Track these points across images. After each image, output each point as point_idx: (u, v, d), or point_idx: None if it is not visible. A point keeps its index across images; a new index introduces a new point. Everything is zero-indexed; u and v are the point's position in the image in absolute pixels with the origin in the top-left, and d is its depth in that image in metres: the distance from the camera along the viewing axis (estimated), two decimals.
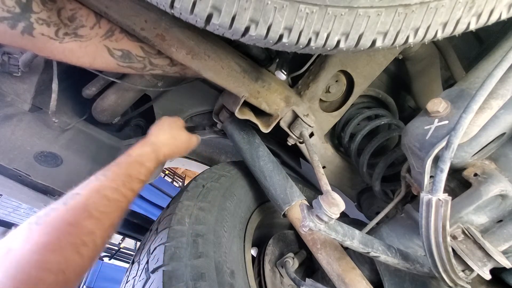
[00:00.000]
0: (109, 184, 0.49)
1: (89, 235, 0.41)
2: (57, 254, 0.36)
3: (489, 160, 0.60)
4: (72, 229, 0.39)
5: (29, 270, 0.34)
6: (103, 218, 0.44)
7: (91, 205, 0.44)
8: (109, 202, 0.46)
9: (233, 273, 0.72)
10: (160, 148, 0.65)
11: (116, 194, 0.48)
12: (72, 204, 0.42)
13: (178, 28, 0.65)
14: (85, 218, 0.42)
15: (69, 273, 0.37)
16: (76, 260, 0.38)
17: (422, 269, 0.59)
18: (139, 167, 0.57)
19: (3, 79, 0.84)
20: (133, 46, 0.67)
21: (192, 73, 0.81)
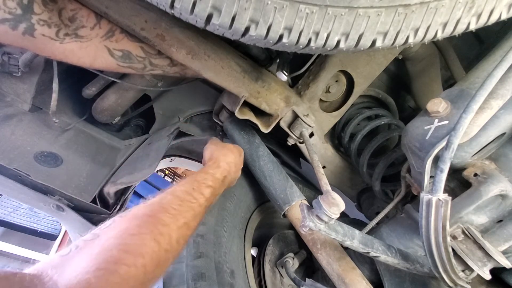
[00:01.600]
0: (180, 188, 0.54)
1: (164, 226, 0.44)
2: (136, 238, 0.40)
3: (489, 160, 0.60)
4: (149, 219, 0.44)
5: (110, 251, 0.37)
6: (177, 215, 0.48)
7: (166, 203, 0.49)
8: (181, 202, 0.51)
9: (233, 273, 0.72)
10: (224, 168, 0.69)
11: (187, 195, 0.53)
12: (149, 202, 0.48)
13: (178, 28, 0.65)
14: (160, 211, 0.46)
15: (147, 258, 0.39)
16: (153, 247, 0.41)
17: (422, 269, 0.59)
18: (205, 175, 0.62)
19: (3, 79, 0.84)
20: (133, 47, 0.67)
21: (192, 73, 0.81)
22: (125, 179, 0.87)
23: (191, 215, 0.51)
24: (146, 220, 0.43)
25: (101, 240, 0.38)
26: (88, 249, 0.37)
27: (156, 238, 0.42)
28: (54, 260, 0.35)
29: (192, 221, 0.50)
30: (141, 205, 0.47)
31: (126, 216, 0.43)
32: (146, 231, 0.41)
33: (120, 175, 0.90)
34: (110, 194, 0.88)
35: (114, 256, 0.36)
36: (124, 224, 0.41)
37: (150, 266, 0.39)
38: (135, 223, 0.42)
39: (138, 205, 0.46)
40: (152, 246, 0.40)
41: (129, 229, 0.40)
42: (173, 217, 0.47)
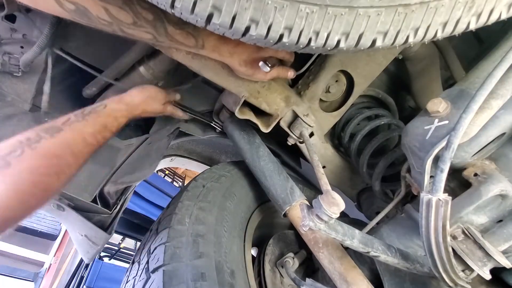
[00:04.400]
0: (88, 129, 0.56)
1: (68, 167, 0.51)
2: (45, 177, 0.46)
3: (489, 160, 0.60)
4: (57, 161, 0.49)
5: (25, 185, 0.43)
6: (79, 157, 0.53)
7: (73, 144, 0.52)
8: (86, 144, 0.54)
9: (233, 273, 0.72)
10: (132, 107, 0.70)
11: (92, 139, 0.56)
12: (59, 138, 0.50)
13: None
14: (67, 153, 0.51)
15: (50, 193, 0.48)
16: (56, 185, 0.48)
17: (422, 269, 0.59)
18: (113, 121, 0.63)
19: (4, 79, 0.84)
20: (92, 4, 0.51)
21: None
22: (126, 179, 0.87)
23: (89, 157, 0.56)
24: (54, 162, 0.48)
25: (15, 171, 0.42)
26: (2, 175, 0.41)
27: (59, 177, 0.49)
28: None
29: (88, 160, 0.56)
30: (50, 139, 0.49)
31: (37, 151, 0.46)
32: (53, 172, 0.47)
33: (120, 175, 0.90)
34: (111, 193, 0.88)
35: (28, 192, 0.43)
36: (35, 162, 0.45)
37: (50, 198, 0.49)
38: (45, 163, 0.47)
39: (46, 136, 0.48)
40: (55, 184, 0.48)
41: (40, 168, 0.46)
42: (76, 158, 0.52)
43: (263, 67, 0.67)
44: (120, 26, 0.55)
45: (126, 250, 3.66)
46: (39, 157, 0.46)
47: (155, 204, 3.18)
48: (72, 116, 0.56)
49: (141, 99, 0.73)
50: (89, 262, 3.06)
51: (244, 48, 0.65)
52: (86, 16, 0.52)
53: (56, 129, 0.51)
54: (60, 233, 4.15)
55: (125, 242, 3.73)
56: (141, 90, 0.75)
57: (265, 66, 0.67)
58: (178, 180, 4.61)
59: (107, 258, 3.48)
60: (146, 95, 0.75)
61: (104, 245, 0.92)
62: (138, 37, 0.58)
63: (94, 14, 0.52)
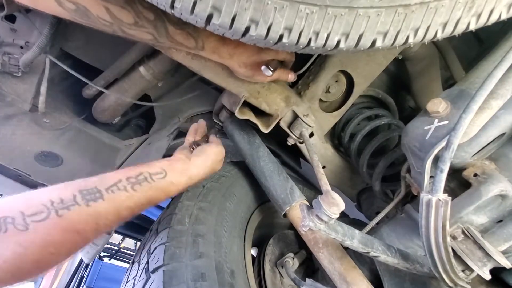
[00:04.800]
0: (129, 204, 0.49)
1: (84, 242, 0.45)
2: (53, 256, 0.41)
3: (489, 160, 0.60)
4: (77, 238, 0.43)
5: (25, 262, 0.38)
6: (103, 231, 0.47)
7: (103, 219, 0.46)
8: (118, 220, 0.48)
9: (233, 273, 0.72)
10: (195, 182, 0.63)
11: (128, 214, 0.49)
12: (93, 208, 0.44)
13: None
14: (91, 229, 0.44)
15: (42, 272, 0.42)
16: (54, 264, 0.42)
17: (422, 269, 0.59)
18: (163, 195, 0.56)
19: (4, 79, 0.85)
20: (93, 4, 0.49)
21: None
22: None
23: (111, 229, 0.50)
24: (74, 239, 0.42)
25: (29, 237, 0.38)
26: (15, 240, 0.37)
27: (71, 253, 0.43)
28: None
29: (106, 232, 0.50)
30: (82, 206, 0.43)
31: (62, 222, 0.41)
32: (66, 251, 0.42)
33: None
34: None
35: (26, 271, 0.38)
36: (54, 235, 0.40)
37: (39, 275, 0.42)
38: (63, 239, 0.41)
39: (80, 203, 0.43)
40: (65, 259, 0.43)
41: (55, 244, 0.40)
42: (99, 232, 0.46)
43: (266, 71, 0.65)
44: (121, 27, 0.54)
45: (126, 250, 3.67)
46: (60, 230, 0.41)
47: None
48: (124, 180, 0.49)
49: (208, 170, 0.67)
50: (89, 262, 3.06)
51: (244, 49, 0.63)
52: (87, 16, 0.51)
53: (96, 196, 0.45)
54: None
55: (125, 242, 3.73)
56: (207, 158, 0.68)
57: (268, 70, 0.66)
58: None
59: (107, 258, 3.48)
60: (213, 167, 0.69)
61: (104, 245, 0.92)
62: (139, 38, 0.57)
63: (95, 14, 0.51)
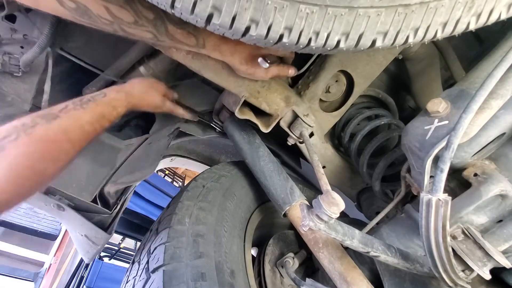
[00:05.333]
0: (86, 118, 0.55)
1: (65, 154, 0.50)
2: (41, 162, 0.46)
3: (489, 160, 0.60)
4: (53, 147, 0.48)
5: (20, 169, 0.43)
6: (76, 144, 0.52)
7: (70, 131, 0.51)
8: (83, 132, 0.53)
9: (233, 273, 0.72)
10: (132, 97, 0.68)
11: (90, 127, 0.55)
12: (55, 124, 0.49)
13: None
14: (64, 140, 0.50)
15: (46, 178, 0.47)
16: (52, 170, 0.48)
17: (422, 269, 0.59)
18: (112, 110, 0.61)
19: (4, 79, 0.84)
20: (93, 3, 0.50)
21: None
22: (126, 179, 0.87)
23: (86, 144, 0.55)
24: (51, 148, 0.47)
25: (10, 156, 0.42)
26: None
27: (56, 164, 0.48)
28: None
29: (84, 147, 0.55)
30: (46, 125, 0.48)
31: (33, 136, 0.45)
32: (49, 158, 0.47)
33: (120, 175, 0.90)
34: (111, 193, 0.88)
35: (21, 177, 0.43)
36: (31, 147, 0.44)
37: (46, 184, 0.48)
38: (41, 148, 0.46)
39: (42, 122, 0.47)
40: (52, 170, 0.47)
41: (35, 153, 0.45)
42: (73, 145, 0.51)
43: (262, 63, 0.67)
44: (121, 25, 0.55)
45: (126, 250, 3.67)
46: (34, 142, 0.45)
47: (155, 204, 3.18)
48: (70, 103, 0.55)
49: (141, 89, 0.73)
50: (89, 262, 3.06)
51: (245, 46, 0.64)
52: (87, 15, 0.52)
53: (52, 115, 0.50)
54: (60, 233, 4.15)
55: (125, 242, 3.73)
56: (141, 80, 0.75)
57: (264, 63, 0.67)
58: (178, 180, 4.61)
59: (107, 258, 3.48)
60: (146, 84, 0.75)
61: (104, 245, 0.92)
62: (139, 37, 0.58)
63: (95, 13, 0.52)
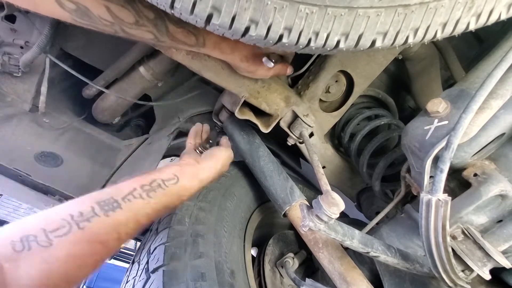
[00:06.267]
0: (147, 211, 0.50)
1: (108, 253, 0.44)
2: (80, 269, 0.41)
3: (489, 160, 0.60)
4: (101, 248, 0.43)
5: (56, 277, 0.38)
6: (125, 239, 0.47)
7: (124, 227, 0.46)
8: (138, 227, 0.49)
9: (233, 273, 0.72)
10: (204, 184, 0.64)
11: (146, 220, 0.50)
12: (112, 219, 0.45)
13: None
14: (113, 238, 0.45)
15: (79, 282, 0.41)
16: (83, 276, 0.42)
17: (422, 269, 0.59)
18: (176, 200, 0.56)
19: (4, 79, 0.85)
20: (93, 3, 0.49)
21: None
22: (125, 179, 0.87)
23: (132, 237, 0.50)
24: (98, 250, 0.43)
25: (53, 252, 0.38)
26: (39, 257, 0.37)
27: (96, 266, 0.43)
28: (8, 253, 0.35)
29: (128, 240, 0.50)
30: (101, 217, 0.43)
31: (85, 234, 0.41)
32: (92, 262, 0.42)
33: (120, 175, 0.90)
34: None
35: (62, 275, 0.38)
36: (78, 249, 0.40)
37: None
38: (88, 250, 0.41)
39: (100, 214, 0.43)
40: (83, 277, 0.42)
41: (80, 258, 0.40)
42: (121, 242, 0.46)
43: (267, 62, 0.66)
44: (122, 26, 0.54)
45: (126, 250, 3.66)
46: (83, 242, 0.41)
47: None
48: (138, 188, 0.50)
49: (218, 173, 0.68)
50: None
51: (245, 44, 0.64)
52: (87, 16, 0.51)
53: (114, 206, 0.46)
54: None
55: None
56: (217, 162, 0.69)
57: (269, 62, 0.66)
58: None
59: None
60: (222, 170, 0.70)
61: None
62: (139, 38, 0.57)
63: (96, 14, 0.51)
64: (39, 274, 0.36)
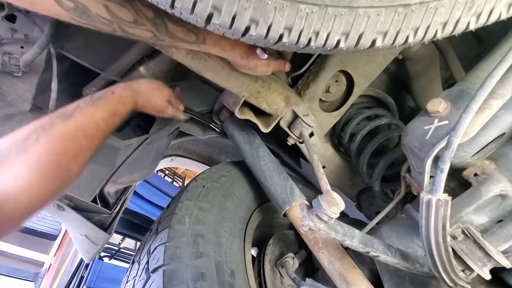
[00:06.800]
0: (100, 115, 0.56)
1: (84, 150, 0.51)
2: (64, 159, 0.46)
3: (489, 160, 0.60)
4: (73, 144, 0.49)
5: (46, 167, 0.43)
6: (93, 141, 0.53)
7: (86, 128, 0.52)
8: (98, 129, 0.54)
9: (233, 273, 0.72)
10: (138, 95, 0.69)
11: (104, 124, 0.56)
12: (71, 123, 0.50)
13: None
14: (81, 137, 0.51)
15: (72, 174, 0.48)
16: (75, 167, 0.49)
17: (422, 269, 0.59)
18: (121, 106, 0.62)
19: (4, 79, 0.84)
20: (92, 2, 0.50)
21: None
22: (126, 179, 0.87)
23: (100, 142, 0.56)
24: (70, 147, 0.48)
25: (32, 155, 0.42)
26: (18, 161, 0.41)
27: (77, 162, 0.49)
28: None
29: (99, 145, 0.56)
30: (63, 124, 0.48)
31: (52, 135, 0.46)
32: (70, 156, 0.48)
33: (120, 175, 0.90)
34: (111, 193, 0.88)
35: (47, 175, 0.43)
36: (52, 144, 0.46)
37: (69, 184, 0.49)
38: (63, 145, 0.47)
39: (59, 122, 0.48)
40: (73, 168, 0.48)
41: (58, 149, 0.46)
42: (90, 143, 0.52)
43: (261, 54, 0.67)
44: (121, 25, 0.54)
45: (126, 250, 3.66)
46: (55, 141, 0.46)
47: (155, 204, 3.18)
48: (82, 102, 0.55)
49: (147, 89, 0.73)
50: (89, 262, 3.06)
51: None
52: (86, 14, 0.51)
53: (67, 115, 0.51)
54: (60, 233, 4.15)
55: (125, 242, 3.73)
56: (148, 81, 0.76)
57: (263, 53, 0.67)
58: (178, 180, 4.61)
59: (107, 258, 3.48)
60: (152, 86, 0.75)
61: (104, 245, 0.92)
62: (138, 36, 0.57)
63: (94, 12, 0.51)
64: (25, 172, 0.41)
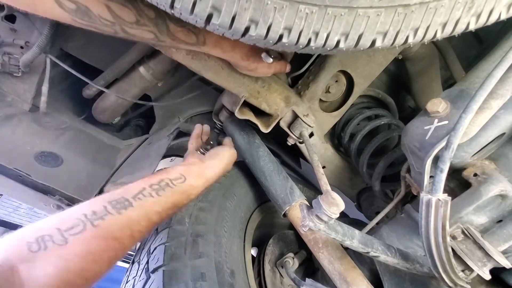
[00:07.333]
0: (157, 208, 0.51)
1: (121, 251, 0.46)
2: (97, 265, 0.42)
3: (489, 160, 0.60)
4: (116, 245, 0.44)
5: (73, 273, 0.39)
6: (136, 238, 0.48)
7: (136, 224, 0.47)
8: (148, 224, 0.50)
9: (233, 273, 0.72)
10: (209, 182, 0.65)
11: (157, 218, 0.51)
12: (125, 216, 0.46)
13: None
14: (127, 235, 0.46)
15: (91, 282, 0.42)
16: (102, 272, 0.43)
17: (422, 269, 0.59)
18: (185, 199, 0.58)
19: (4, 79, 0.85)
20: (94, 3, 0.48)
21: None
22: (125, 179, 0.87)
23: (147, 234, 0.52)
24: (113, 246, 0.44)
25: (68, 252, 0.39)
26: (56, 254, 0.38)
27: (111, 262, 0.44)
28: (23, 253, 0.36)
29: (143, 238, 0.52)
30: (114, 215, 0.45)
31: (98, 231, 0.42)
32: (107, 258, 0.43)
33: (120, 175, 0.90)
34: None
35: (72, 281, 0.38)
36: (93, 245, 0.41)
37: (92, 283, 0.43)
38: (103, 246, 0.43)
39: (112, 211, 0.45)
40: (101, 273, 0.43)
41: (95, 254, 0.41)
42: (134, 240, 0.47)
43: (266, 58, 0.66)
44: (123, 26, 0.53)
45: None
46: (98, 239, 0.42)
47: None
48: (147, 187, 0.52)
49: (222, 172, 0.69)
50: None
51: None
52: (87, 15, 0.50)
53: (125, 204, 0.47)
54: None
55: None
56: (221, 160, 0.71)
57: (268, 57, 0.66)
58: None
59: None
60: (226, 168, 0.72)
61: None
62: (140, 37, 0.57)
63: (96, 13, 0.50)
64: (55, 271, 0.37)
